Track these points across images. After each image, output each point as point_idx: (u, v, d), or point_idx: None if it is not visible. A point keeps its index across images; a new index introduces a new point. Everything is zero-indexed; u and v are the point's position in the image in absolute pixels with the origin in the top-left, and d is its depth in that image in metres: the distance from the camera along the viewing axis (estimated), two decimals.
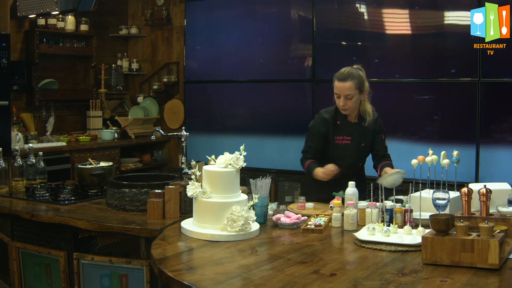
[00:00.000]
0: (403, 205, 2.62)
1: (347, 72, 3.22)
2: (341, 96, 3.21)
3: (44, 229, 2.95)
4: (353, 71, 3.23)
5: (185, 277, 1.89)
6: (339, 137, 3.31)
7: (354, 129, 3.33)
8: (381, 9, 5.10)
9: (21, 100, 5.53)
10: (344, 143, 3.31)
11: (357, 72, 3.23)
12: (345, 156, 3.29)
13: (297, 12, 5.54)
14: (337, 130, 3.31)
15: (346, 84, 3.19)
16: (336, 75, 3.26)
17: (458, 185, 2.70)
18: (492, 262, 1.92)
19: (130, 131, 6.10)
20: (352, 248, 2.28)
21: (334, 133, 3.31)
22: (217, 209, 2.42)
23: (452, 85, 4.78)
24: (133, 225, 2.63)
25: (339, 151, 3.30)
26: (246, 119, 5.88)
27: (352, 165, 3.34)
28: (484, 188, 2.33)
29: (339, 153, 3.30)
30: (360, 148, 3.35)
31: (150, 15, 6.49)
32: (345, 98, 3.20)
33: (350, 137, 3.31)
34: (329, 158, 3.29)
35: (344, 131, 3.32)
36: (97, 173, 3.39)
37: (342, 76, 3.21)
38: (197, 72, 6.20)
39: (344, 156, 3.29)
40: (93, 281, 2.77)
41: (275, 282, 1.85)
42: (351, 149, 3.32)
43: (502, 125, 4.62)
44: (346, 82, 3.19)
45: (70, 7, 4.59)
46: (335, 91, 3.25)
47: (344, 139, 3.31)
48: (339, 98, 3.23)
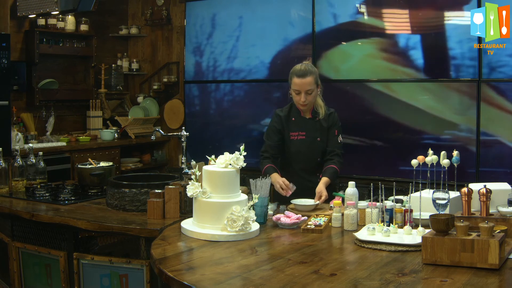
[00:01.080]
0: (403, 205, 2.62)
1: (305, 68, 3.26)
2: (302, 92, 3.26)
3: (44, 229, 2.95)
4: (309, 67, 3.29)
5: (185, 277, 1.89)
6: (294, 133, 3.37)
7: (309, 124, 3.39)
8: (381, 9, 5.10)
9: (21, 100, 5.53)
10: (299, 138, 3.37)
11: (313, 68, 3.30)
12: (300, 151, 3.36)
13: (297, 12, 5.54)
14: (291, 126, 3.37)
15: (307, 80, 3.24)
16: (294, 72, 3.28)
17: (458, 185, 2.70)
18: (492, 262, 1.92)
19: (130, 131, 6.10)
20: (352, 248, 2.28)
21: (289, 130, 3.36)
22: (217, 209, 2.42)
23: (452, 85, 4.78)
24: (133, 225, 2.63)
25: (294, 147, 3.36)
26: (246, 119, 5.88)
27: (309, 160, 3.39)
28: (484, 188, 2.33)
29: (295, 149, 3.37)
30: (315, 143, 3.39)
31: (150, 15, 6.50)
32: (306, 93, 3.26)
33: (304, 132, 3.37)
34: (286, 154, 3.38)
35: (299, 127, 3.37)
36: (97, 173, 3.39)
37: (301, 72, 3.25)
38: (197, 72, 6.20)
39: (299, 151, 3.36)
40: (93, 281, 2.77)
41: (275, 282, 1.85)
42: (306, 144, 3.37)
43: (502, 125, 4.62)
44: (306, 77, 3.24)
45: (70, 7, 4.59)
46: (294, 88, 3.28)
47: (299, 134, 3.37)
48: (299, 94, 3.28)
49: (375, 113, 5.06)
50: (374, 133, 5.01)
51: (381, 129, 5.07)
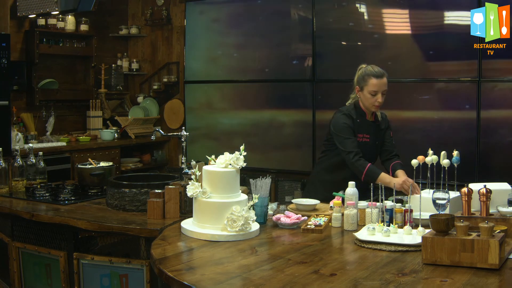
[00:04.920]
0: (403, 205, 2.62)
1: (380, 70, 3.28)
2: (379, 92, 3.25)
3: (44, 229, 2.95)
4: (380, 68, 3.30)
5: (185, 277, 1.89)
6: (360, 135, 3.33)
7: (372, 127, 3.38)
8: (381, 9, 5.10)
9: (21, 100, 5.53)
10: (364, 141, 3.34)
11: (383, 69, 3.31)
12: (365, 154, 3.28)
13: (297, 12, 5.54)
14: (358, 128, 3.33)
15: (384, 80, 3.26)
16: (372, 72, 3.26)
17: (458, 185, 2.70)
18: (492, 262, 1.92)
19: (130, 131, 6.10)
20: (352, 248, 2.28)
21: (357, 131, 3.33)
22: (217, 209, 2.42)
23: (452, 85, 4.78)
24: (133, 225, 2.63)
25: (360, 149, 3.28)
26: (246, 119, 5.88)
27: None
28: (484, 188, 2.33)
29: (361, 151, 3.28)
30: (375, 146, 3.41)
31: (150, 15, 6.50)
32: (382, 94, 3.26)
33: (369, 135, 3.36)
34: None
35: (364, 129, 3.35)
36: (97, 173, 3.39)
37: (379, 73, 3.26)
38: (197, 72, 6.20)
39: (364, 154, 3.28)
40: (93, 281, 2.77)
41: (275, 282, 1.85)
42: (370, 147, 3.36)
43: (502, 125, 4.62)
44: (383, 78, 3.26)
45: (70, 7, 4.59)
46: (372, 89, 3.25)
47: (364, 137, 3.34)
48: (376, 95, 3.26)
49: None
50: None
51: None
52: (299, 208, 2.95)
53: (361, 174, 3.15)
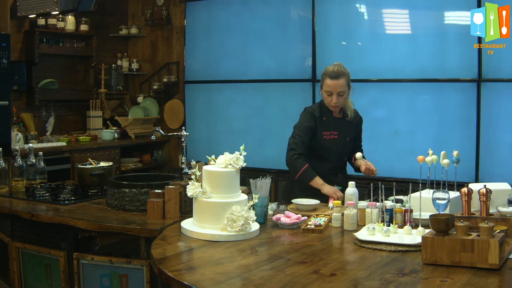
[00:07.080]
0: (403, 205, 2.62)
1: (338, 70, 3.26)
2: (334, 93, 3.25)
3: (44, 229, 2.95)
4: (342, 68, 3.28)
5: (185, 277, 1.89)
6: (327, 132, 3.35)
7: (340, 124, 3.39)
8: (381, 9, 5.10)
9: (21, 100, 5.53)
10: (331, 138, 3.36)
11: (345, 70, 3.29)
12: (333, 151, 3.35)
13: (297, 12, 5.54)
14: (324, 125, 3.35)
15: (340, 82, 3.23)
16: (327, 73, 3.27)
17: (458, 185, 2.70)
18: (492, 262, 1.92)
19: (130, 131, 6.10)
20: (352, 248, 2.28)
21: (322, 129, 3.34)
22: (217, 209, 2.42)
23: (452, 85, 4.78)
24: (133, 225, 2.63)
25: (327, 146, 3.34)
26: (246, 119, 5.88)
27: (338, 159, 3.42)
28: (484, 188, 2.33)
29: (328, 148, 3.35)
30: (346, 142, 3.42)
31: (150, 15, 6.49)
32: (338, 95, 3.25)
33: (336, 131, 3.36)
34: (318, 153, 3.34)
35: (331, 126, 3.36)
36: (97, 173, 3.39)
37: (334, 74, 3.24)
38: (197, 72, 6.20)
39: (332, 151, 3.35)
40: (93, 281, 2.77)
41: (275, 282, 1.85)
42: (338, 144, 3.38)
43: (502, 125, 4.62)
44: (339, 79, 3.23)
45: (70, 7, 4.58)
46: (326, 89, 3.27)
47: (332, 134, 3.36)
48: (331, 95, 3.26)
49: (375, 113, 5.07)
50: (374, 133, 5.01)
51: (381, 129, 5.07)
52: (299, 208, 2.95)
53: (297, 172, 3.21)
